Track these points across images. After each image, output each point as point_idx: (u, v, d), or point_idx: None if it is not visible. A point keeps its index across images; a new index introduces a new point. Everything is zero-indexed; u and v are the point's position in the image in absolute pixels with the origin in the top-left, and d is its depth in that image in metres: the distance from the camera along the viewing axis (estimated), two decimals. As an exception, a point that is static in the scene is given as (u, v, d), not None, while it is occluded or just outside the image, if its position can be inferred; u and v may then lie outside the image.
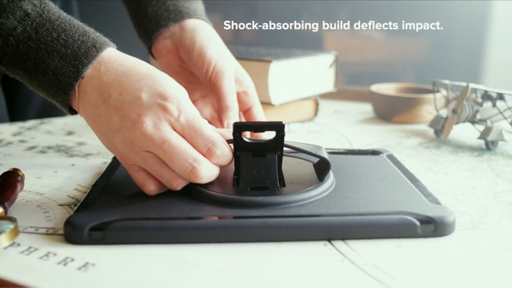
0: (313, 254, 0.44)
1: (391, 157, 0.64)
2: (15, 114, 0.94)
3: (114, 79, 0.48)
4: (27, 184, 0.57)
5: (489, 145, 0.74)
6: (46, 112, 0.97)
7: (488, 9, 2.27)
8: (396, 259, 0.43)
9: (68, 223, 0.45)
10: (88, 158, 0.68)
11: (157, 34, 0.68)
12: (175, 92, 0.49)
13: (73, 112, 0.52)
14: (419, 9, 2.09)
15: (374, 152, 0.66)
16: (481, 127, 0.77)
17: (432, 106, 0.88)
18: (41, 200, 0.54)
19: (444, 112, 0.84)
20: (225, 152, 0.49)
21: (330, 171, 0.54)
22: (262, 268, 0.41)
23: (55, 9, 0.51)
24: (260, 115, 0.68)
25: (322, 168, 0.54)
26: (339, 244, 0.45)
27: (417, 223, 0.46)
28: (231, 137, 0.51)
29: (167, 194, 0.50)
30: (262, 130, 0.53)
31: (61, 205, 0.53)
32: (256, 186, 0.51)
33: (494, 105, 0.77)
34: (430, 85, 0.88)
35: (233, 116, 0.64)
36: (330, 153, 0.64)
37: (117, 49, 0.52)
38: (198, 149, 0.48)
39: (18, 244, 0.44)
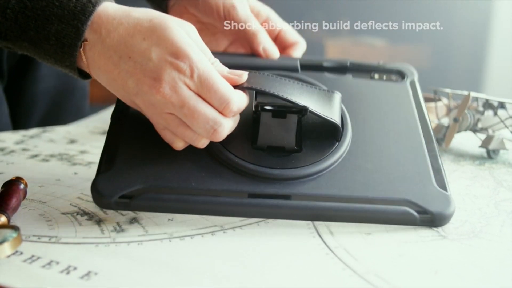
0: (315, 263, 0.44)
1: (413, 86, 0.63)
2: (18, 122, 0.94)
3: (119, 41, 0.48)
4: (30, 192, 0.58)
5: (490, 154, 0.74)
6: (49, 120, 0.97)
7: (489, 18, 2.27)
8: (397, 268, 0.43)
9: (95, 189, 0.51)
10: (91, 166, 0.69)
11: (166, 2, 0.68)
12: (184, 45, 0.48)
13: (85, 76, 0.52)
14: (421, 17, 2.10)
15: (399, 73, 0.64)
16: (482, 136, 0.78)
17: (434, 115, 0.88)
18: (43, 208, 0.54)
19: (445, 121, 0.84)
20: (241, 105, 0.50)
21: (348, 120, 0.56)
22: (263, 276, 0.41)
23: None
24: (293, 36, 0.66)
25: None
26: (341, 252, 0.45)
27: (417, 215, 0.50)
28: (242, 80, 0.52)
29: (187, 153, 0.52)
30: (284, 115, 0.53)
31: (63, 213, 0.53)
32: (273, 146, 0.53)
33: (495, 114, 0.77)
34: (432, 93, 0.88)
35: (264, 37, 0.62)
36: (354, 71, 0.64)
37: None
38: (214, 107, 0.49)
39: (21, 253, 0.44)
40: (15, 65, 0.92)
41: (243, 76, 0.52)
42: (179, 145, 0.52)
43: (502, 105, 0.77)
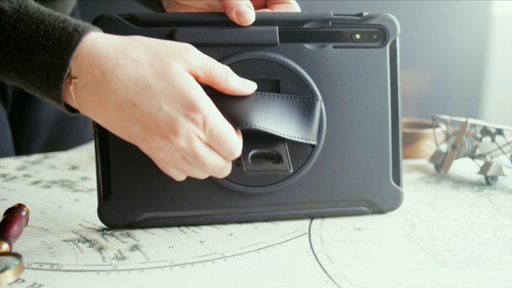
0: (314, 290, 0.44)
1: (392, 49, 0.61)
2: (21, 147, 0.95)
3: (118, 86, 0.46)
4: (32, 219, 0.58)
5: (489, 180, 0.75)
6: (52, 145, 0.98)
7: (487, 45, 2.30)
8: (397, 296, 0.43)
9: (103, 221, 0.56)
10: (92, 193, 0.69)
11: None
12: (195, 96, 0.47)
13: (72, 110, 0.49)
14: (420, 42, 2.12)
15: (382, 31, 0.60)
16: (480, 162, 0.78)
17: (432, 141, 0.89)
18: (45, 235, 0.55)
19: (444, 147, 0.85)
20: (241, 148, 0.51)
21: (325, 120, 0.58)
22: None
23: (34, 4, 0.47)
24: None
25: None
26: (340, 280, 0.45)
27: (370, 211, 0.61)
28: (252, 91, 0.53)
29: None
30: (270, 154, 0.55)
31: (65, 240, 0.53)
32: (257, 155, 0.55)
33: (493, 140, 0.78)
34: (430, 120, 0.89)
35: (236, 1, 0.56)
36: (336, 28, 0.59)
37: None
38: (221, 155, 0.49)
39: (23, 280, 0.45)
40: (19, 92, 0.93)
41: (254, 88, 0.53)
42: (182, 178, 0.52)
43: (499, 132, 0.78)
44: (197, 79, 0.49)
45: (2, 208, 0.56)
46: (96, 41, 0.46)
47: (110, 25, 0.53)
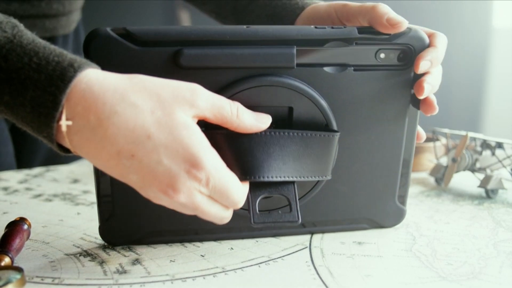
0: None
1: (414, 79, 0.55)
2: (23, 161, 0.95)
3: (115, 134, 0.42)
4: (33, 232, 0.58)
5: (489, 194, 0.75)
6: (53, 158, 0.98)
7: (487, 59, 2.31)
8: (397, 310, 0.43)
9: (106, 240, 0.56)
10: (93, 206, 0.69)
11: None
12: (198, 151, 0.43)
13: (65, 150, 0.45)
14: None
15: (409, 49, 0.54)
16: (481, 176, 0.78)
17: (433, 155, 0.89)
18: (47, 249, 0.55)
19: (444, 161, 0.85)
20: (245, 198, 0.49)
21: (337, 150, 0.55)
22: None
23: (29, 35, 0.44)
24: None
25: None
26: (341, 294, 0.45)
27: (371, 227, 0.61)
28: (266, 127, 0.49)
29: None
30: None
31: (67, 254, 0.53)
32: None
33: (493, 154, 0.78)
34: (430, 133, 0.89)
35: (384, 8, 0.54)
36: (353, 54, 0.53)
37: None
38: (223, 205, 0.47)
39: (24, 294, 0.45)
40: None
41: (269, 122, 0.50)
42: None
43: (499, 145, 0.79)
44: (206, 120, 0.46)
45: (3, 222, 0.56)
46: (92, 81, 0.42)
47: (105, 45, 0.48)
